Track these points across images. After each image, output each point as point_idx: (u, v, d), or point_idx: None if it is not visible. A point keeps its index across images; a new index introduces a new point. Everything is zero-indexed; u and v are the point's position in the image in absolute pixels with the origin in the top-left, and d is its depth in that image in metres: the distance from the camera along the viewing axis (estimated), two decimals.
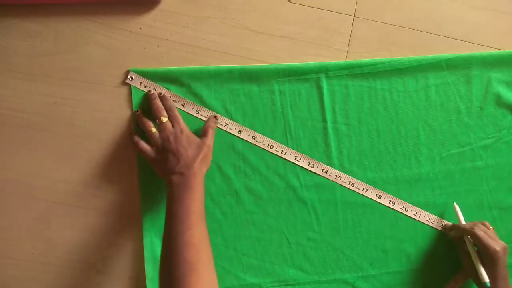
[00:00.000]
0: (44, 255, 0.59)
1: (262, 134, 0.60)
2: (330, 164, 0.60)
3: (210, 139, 0.55)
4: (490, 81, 0.62)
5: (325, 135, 0.60)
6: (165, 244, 0.49)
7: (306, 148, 0.60)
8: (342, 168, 0.61)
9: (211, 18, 0.59)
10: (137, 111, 0.57)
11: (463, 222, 0.60)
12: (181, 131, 0.54)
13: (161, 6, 0.59)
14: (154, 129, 0.55)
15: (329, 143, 0.60)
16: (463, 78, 0.62)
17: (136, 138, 0.55)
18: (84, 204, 0.59)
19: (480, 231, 0.56)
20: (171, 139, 0.53)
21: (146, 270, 0.58)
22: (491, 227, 0.59)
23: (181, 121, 0.55)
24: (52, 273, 0.59)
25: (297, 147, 0.60)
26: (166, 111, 0.56)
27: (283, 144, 0.60)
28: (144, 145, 0.55)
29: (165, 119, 0.55)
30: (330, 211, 0.61)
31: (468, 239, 0.58)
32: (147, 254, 0.58)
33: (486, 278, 0.55)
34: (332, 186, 0.61)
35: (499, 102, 0.62)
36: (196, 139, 0.55)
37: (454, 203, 0.61)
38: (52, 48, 0.58)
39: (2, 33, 0.57)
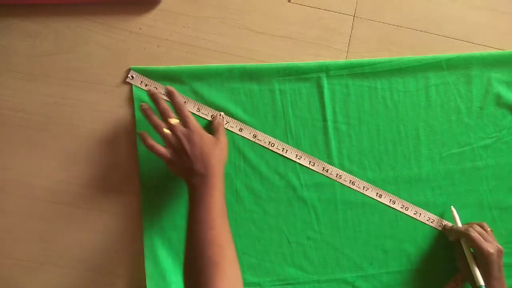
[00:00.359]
0: (44, 255, 0.59)
1: (263, 133, 0.60)
2: (330, 163, 0.60)
3: (223, 135, 0.55)
4: (490, 81, 0.62)
5: (326, 134, 0.60)
6: (188, 244, 0.49)
7: (307, 147, 0.60)
8: (342, 168, 0.61)
9: (211, 18, 0.59)
10: (142, 104, 0.54)
11: (460, 224, 0.60)
12: (194, 131, 0.52)
13: (161, 6, 0.59)
14: (166, 130, 0.52)
15: (329, 142, 0.60)
16: (463, 78, 0.62)
17: (151, 142, 0.52)
18: (84, 204, 0.59)
19: (474, 233, 0.56)
20: (184, 140, 0.51)
21: (146, 269, 0.58)
22: (489, 229, 0.58)
23: (192, 120, 0.53)
24: (52, 273, 0.59)
25: (297, 146, 0.60)
26: (176, 110, 0.53)
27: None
28: (159, 148, 0.52)
29: (174, 121, 0.52)
30: (330, 211, 0.61)
31: (464, 241, 0.58)
32: (147, 253, 0.58)
33: (481, 281, 0.54)
34: (332, 185, 0.61)
35: (499, 102, 0.62)
36: (210, 137, 0.53)
37: (452, 207, 0.61)
38: (52, 48, 0.58)
39: (2, 33, 0.57)
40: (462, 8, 0.63)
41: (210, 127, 0.58)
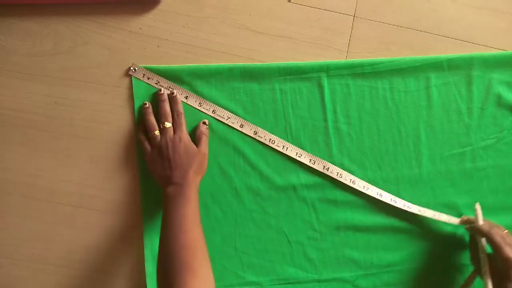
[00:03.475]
0: (44, 255, 0.59)
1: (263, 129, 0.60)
2: (330, 163, 0.60)
3: (204, 147, 0.57)
4: (491, 82, 0.62)
5: (326, 134, 0.60)
6: (161, 248, 0.50)
7: (307, 147, 0.60)
8: (342, 168, 0.61)
9: (210, 18, 0.59)
10: (146, 103, 0.57)
11: (481, 223, 0.58)
12: (180, 139, 0.55)
13: (161, 6, 0.59)
14: (157, 132, 0.56)
15: (329, 142, 0.60)
16: (464, 79, 0.62)
17: (142, 137, 0.57)
18: (84, 204, 0.59)
19: (497, 237, 0.54)
20: (170, 146, 0.54)
21: (146, 268, 0.58)
22: (506, 230, 0.57)
23: (183, 128, 0.56)
24: (52, 273, 0.59)
25: (297, 146, 0.60)
26: (172, 115, 0.57)
27: None
28: (146, 145, 0.57)
29: (168, 125, 0.55)
30: (330, 210, 0.61)
31: (480, 239, 0.57)
32: (147, 252, 0.58)
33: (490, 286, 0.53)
34: (332, 185, 0.61)
35: (500, 102, 0.62)
36: (192, 148, 0.55)
37: (476, 204, 0.60)
38: (52, 48, 0.58)
39: (2, 33, 0.57)
40: (462, 8, 0.63)
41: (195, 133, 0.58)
